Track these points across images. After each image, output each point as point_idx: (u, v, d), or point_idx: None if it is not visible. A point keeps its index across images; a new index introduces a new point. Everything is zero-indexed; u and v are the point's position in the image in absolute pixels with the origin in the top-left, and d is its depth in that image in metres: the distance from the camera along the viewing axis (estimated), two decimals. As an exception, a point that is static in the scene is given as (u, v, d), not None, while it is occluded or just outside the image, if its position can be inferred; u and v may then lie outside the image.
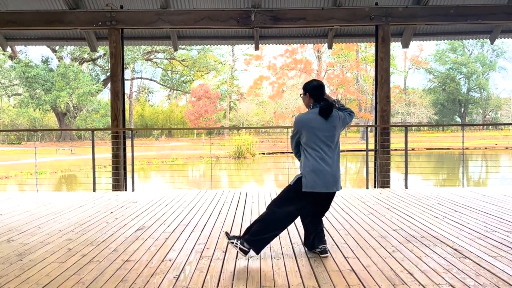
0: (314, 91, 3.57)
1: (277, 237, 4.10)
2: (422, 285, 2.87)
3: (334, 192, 3.55)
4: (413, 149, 29.57)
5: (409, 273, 3.12)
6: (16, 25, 7.86)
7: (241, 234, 3.55)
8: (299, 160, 3.73)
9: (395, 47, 40.42)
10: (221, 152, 27.69)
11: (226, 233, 3.55)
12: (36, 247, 3.91)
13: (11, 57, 39.36)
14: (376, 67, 8.03)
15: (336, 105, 3.61)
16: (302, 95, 3.68)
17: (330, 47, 9.07)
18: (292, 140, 3.68)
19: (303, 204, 3.49)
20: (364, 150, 8.31)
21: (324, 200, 3.58)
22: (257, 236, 3.37)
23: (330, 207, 5.57)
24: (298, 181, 3.47)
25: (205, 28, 8.24)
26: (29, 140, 40.29)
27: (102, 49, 35.92)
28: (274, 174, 17.09)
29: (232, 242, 3.40)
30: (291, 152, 3.83)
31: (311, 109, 3.56)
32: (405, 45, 8.75)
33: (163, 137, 46.32)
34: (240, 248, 3.36)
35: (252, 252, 3.39)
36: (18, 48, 39.45)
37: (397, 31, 8.69)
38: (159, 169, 21.30)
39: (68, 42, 9.37)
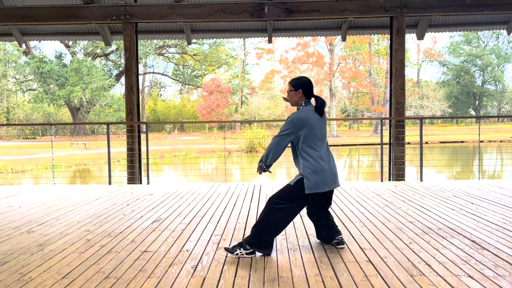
0: (306, 87, 3.41)
1: (293, 229, 4.14)
2: (440, 276, 2.86)
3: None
4: (426, 143, 29.30)
5: (427, 264, 3.11)
6: (32, 20, 7.96)
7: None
8: (264, 168, 3.39)
9: (408, 39, 40.01)
10: (233, 146, 27.75)
11: (226, 248, 3.45)
12: (55, 238, 3.98)
13: (25, 53, 39.95)
14: (390, 59, 7.96)
15: None
16: (291, 92, 3.42)
17: (344, 39, 9.00)
18: (285, 139, 3.31)
19: (304, 204, 3.45)
20: (378, 144, 8.27)
21: (326, 198, 3.53)
22: (258, 238, 3.33)
23: (345, 199, 5.59)
24: (299, 182, 3.34)
25: (218, 21, 8.24)
26: (44, 135, 40.86)
27: (115, 44, 36.16)
28: (286, 167, 17.06)
29: (237, 254, 3.34)
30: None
31: (305, 107, 3.39)
32: (420, 36, 8.64)
33: (175, 131, 46.57)
34: (246, 254, 3.34)
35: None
36: (32, 43, 40.04)
37: (411, 22, 8.57)
38: (172, 163, 21.44)
39: (83, 37, 9.43)
